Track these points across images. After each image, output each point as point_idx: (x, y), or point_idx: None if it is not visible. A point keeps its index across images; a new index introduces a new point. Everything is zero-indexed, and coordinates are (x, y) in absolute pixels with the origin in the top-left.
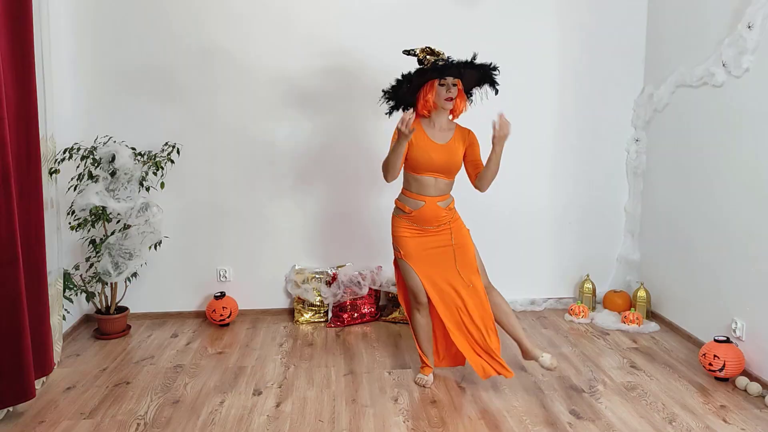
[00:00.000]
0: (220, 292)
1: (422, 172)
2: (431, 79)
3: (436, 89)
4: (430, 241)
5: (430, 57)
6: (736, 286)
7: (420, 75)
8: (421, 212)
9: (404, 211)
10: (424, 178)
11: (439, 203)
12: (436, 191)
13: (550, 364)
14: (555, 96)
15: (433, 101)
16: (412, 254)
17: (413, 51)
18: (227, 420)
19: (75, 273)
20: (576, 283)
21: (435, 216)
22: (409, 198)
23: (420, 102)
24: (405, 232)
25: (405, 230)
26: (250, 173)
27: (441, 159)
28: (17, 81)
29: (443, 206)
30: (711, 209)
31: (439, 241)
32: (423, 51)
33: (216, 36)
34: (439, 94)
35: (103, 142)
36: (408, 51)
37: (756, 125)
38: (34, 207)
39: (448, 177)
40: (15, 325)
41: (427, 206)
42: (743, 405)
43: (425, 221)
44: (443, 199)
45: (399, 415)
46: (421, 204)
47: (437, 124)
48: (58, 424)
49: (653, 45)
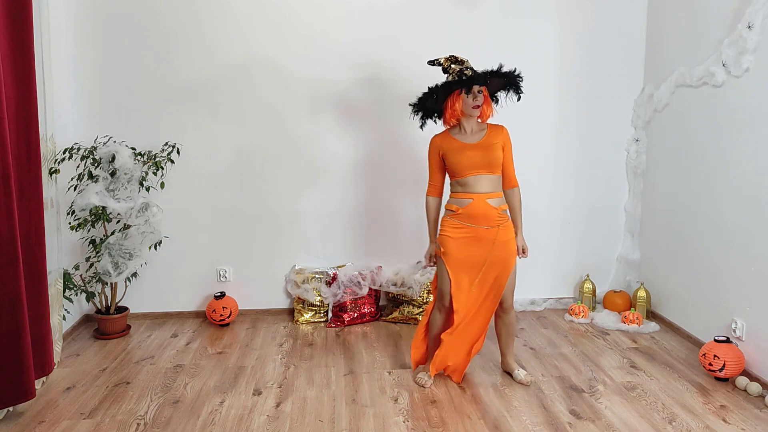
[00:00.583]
0: (220, 292)
1: (465, 173)
2: (457, 90)
3: (462, 98)
4: (475, 248)
5: (455, 66)
6: (736, 286)
7: (446, 87)
8: (469, 209)
9: (452, 210)
10: (467, 179)
11: (489, 200)
12: (483, 188)
13: (523, 379)
14: (555, 96)
15: (460, 110)
16: (452, 255)
17: (437, 61)
18: (227, 420)
19: (75, 273)
20: (576, 283)
21: (485, 213)
22: (458, 198)
23: (447, 111)
24: (450, 232)
25: (450, 230)
26: (250, 173)
27: (478, 155)
28: (17, 81)
29: (494, 204)
30: (711, 209)
31: (484, 244)
32: (447, 60)
33: (216, 36)
34: (465, 102)
35: (103, 142)
36: (432, 61)
37: (756, 125)
38: (34, 207)
39: (491, 172)
40: (15, 325)
41: (475, 203)
42: (743, 405)
43: (474, 219)
44: (492, 197)
45: (399, 415)
46: (469, 201)
47: (468, 129)
48: (58, 424)
49: (653, 45)
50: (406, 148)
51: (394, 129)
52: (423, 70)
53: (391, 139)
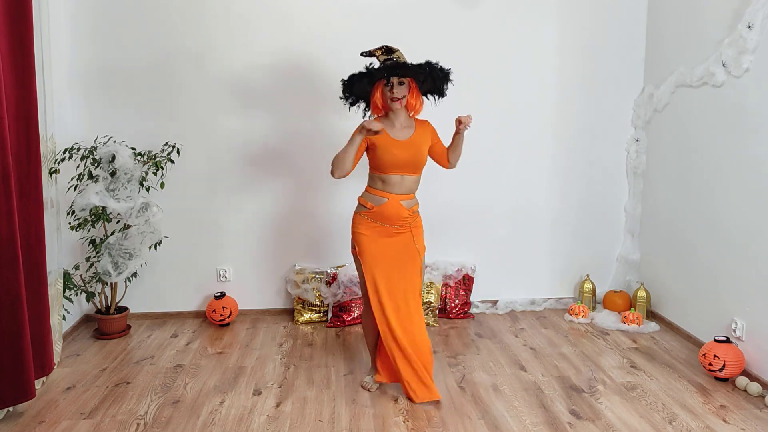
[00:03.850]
0: (220, 292)
1: (388, 171)
2: (377, 80)
3: (381, 89)
4: (388, 243)
5: (382, 56)
6: (736, 286)
7: (363, 76)
8: (382, 209)
9: (366, 207)
10: (390, 177)
11: (403, 202)
12: (401, 189)
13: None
14: (555, 96)
15: (381, 101)
16: (367, 253)
17: (370, 51)
18: (227, 420)
19: (75, 273)
20: (576, 283)
21: (397, 215)
22: (373, 195)
23: (371, 101)
24: (363, 230)
25: (364, 228)
26: (250, 173)
27: (405, 155)
28: (17, 81)
29: (406, 206)
30: (711, 209)
31: (399, 243)
32: (379, 50)
33: (216, 35)
34: (384, 94)
35: (103, 142)
36: (365, 52)
37: (756, 125)
38: (34, 207)
39: (414, 173)
40: (15, 325)
41: (389, 203)
42: (743, 405)
43: (386, 219)
44: (408, 198)
45: (399, 415)
46: (384, 201)
47: (396, 123)
48: (58, 424)
49: (653, 45)
50: None
51: None
52: None
53: None
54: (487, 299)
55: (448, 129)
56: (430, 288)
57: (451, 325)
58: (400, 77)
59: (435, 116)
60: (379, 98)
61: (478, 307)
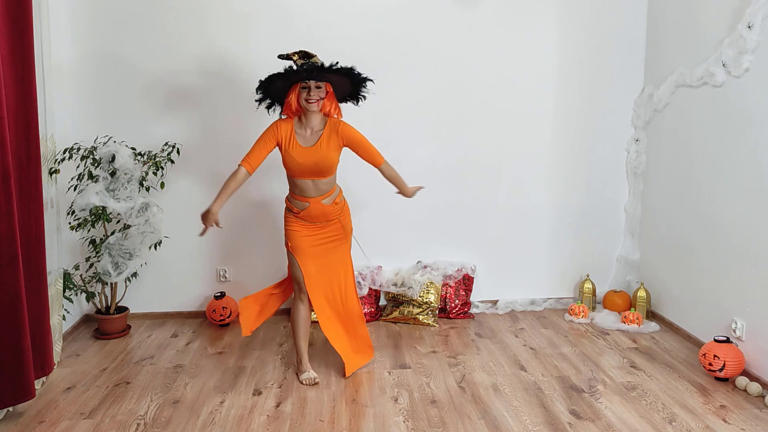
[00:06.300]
0: (220, 292)
1: (297, 176)
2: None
3: (298, 91)
4: (319, 237)
5: (300, 60)
6: (736, 286)
7: (278, 77)
8: (308, 212)
9: (293, 211)
10: (301, 182)
11: (323, 201)
12: (316, 192)
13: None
14: (555, 96)
15: (296, 104)
16: (299, 247)
17: (287, 54)
18: (227, 420)
19: (75, 273)
20: (576, 283)
21: (322, 213)
22: (296, 200)
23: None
24: (295, 227)
25: (294, 225)
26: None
27: (309, 162)
28: (17, 81)
29: (328, 203)
30: (711, 209)
31: (329, 234)
32: (296, 54)
33: (217, 35)
34: (300, 96)
35: (103, 142)
36: (282, 55)
37: (756, 125)
38: (34, 207)
39: (323, 177)
40: (15, 325)
41: (312, 206)
42: (743, 405)
43: (314, 218)
44: (326, 196)
45: (399, 415)
46: (307, 205)
47: (308, 127)
48: (58, 424)
49: (653, 45)
50: (406, 148)
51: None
52: (423, 70)
53: (388, 141)
54: (487, 299)
55: (453, 128)
56: (429, 288)
57: (451, 325)
58: (318, 81)
59: (443, 113)
60: (294, 100)
61: (478, 307)
